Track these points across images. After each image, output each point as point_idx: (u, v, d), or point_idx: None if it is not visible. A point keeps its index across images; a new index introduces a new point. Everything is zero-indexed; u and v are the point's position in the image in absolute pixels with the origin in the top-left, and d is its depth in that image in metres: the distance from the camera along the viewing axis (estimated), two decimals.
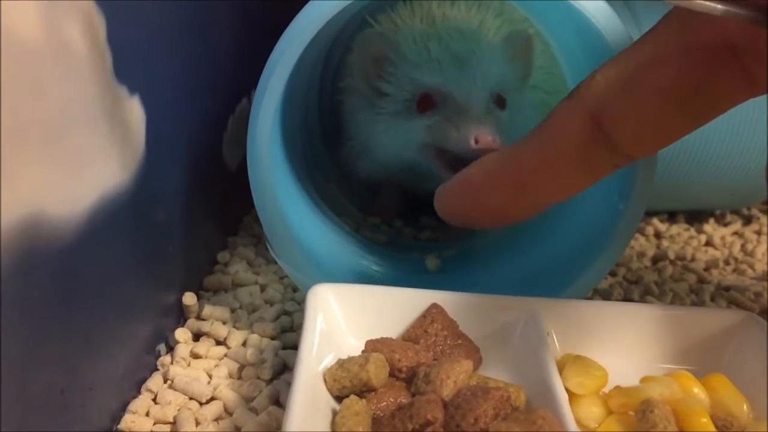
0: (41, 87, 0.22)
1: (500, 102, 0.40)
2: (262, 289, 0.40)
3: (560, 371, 0.28)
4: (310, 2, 0.33)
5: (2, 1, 0.20)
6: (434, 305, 0.31)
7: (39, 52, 0.22)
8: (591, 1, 0.32)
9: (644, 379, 0.29)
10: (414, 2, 0.45)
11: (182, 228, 0.37)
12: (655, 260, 0.49)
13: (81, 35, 0.24)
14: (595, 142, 0.27)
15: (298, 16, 0.33)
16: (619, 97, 0.27)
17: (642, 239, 0.52)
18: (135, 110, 0.29)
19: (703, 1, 0.22)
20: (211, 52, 0.40)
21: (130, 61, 0.28)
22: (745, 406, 0.28)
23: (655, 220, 0.55)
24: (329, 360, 0.29)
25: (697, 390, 0.28)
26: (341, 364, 0.28)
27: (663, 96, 0.26)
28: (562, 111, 0.28)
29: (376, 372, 0.27)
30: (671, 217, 0.56)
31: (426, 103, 0.40)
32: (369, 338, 0.30)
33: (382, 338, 0.30)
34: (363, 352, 0.29)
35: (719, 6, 0.22)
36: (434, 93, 0.40)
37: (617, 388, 0.28)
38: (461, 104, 0.38)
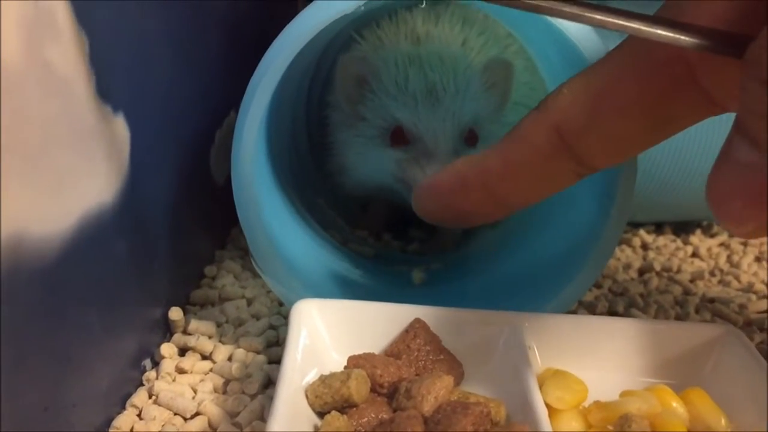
0: (23, 109, 0.23)
1: (471, 139, 0.42)
2: (249, 303, 0.40)
3: (541, 385, 0.29)
4: (296, 17, 0.33)
5: None
6: (417, 320, 0.31)
7: (21, 74, 0.22)
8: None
9: (623, 394, 0.29)
10: (399, 19, 0.45)
11: (169, 242, 0.37)
12: (642, 272, 0.49)
13: (63, 56, 0.25)
14: (559, 153, 0.28)
15: (284, 30, 0.33)
16: (582, 112, 0.27)
17: (628, 251, 0.53)
18: (119, 128, 0.30)
19: (671, 34, 0.23)
20: (197, 66, 0.40)
21: (114, 79, 0.29)
22: (723, 420, 0.28)
23: (642, 232, 0.55)
24: (312, 375, 0.29)
25: (676, 404, 0.28)
26: (323, 380, 0.28)
27: (623, 112, 0.27)
28: (529, 122, 0.29)
29: (358, 388, 0.27)
30: (658, 228, 0.57)
31: (398, 137, 0.41)
32: (352, 353, 0.30)
33: (364, 354, 0.30)
34: (345, 368, 0.29)
35: (687, 39, 0.23)
36: (406, 130, 0.41)
37: (596, 402, 0.28)
38: (430, 147, 0.40)
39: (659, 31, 0.23)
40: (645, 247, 0.54)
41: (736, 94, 0.22)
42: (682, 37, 0.23)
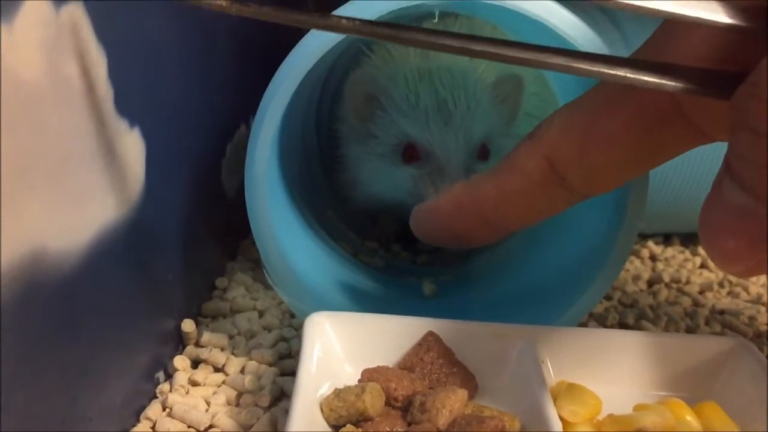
0: (43, 125, 0.23)
1: (483, 153, 0.42)
2: (261, 315, 0.41)
3: (554, 399, 0.29)
4: (307, 34, 0.33)
5: (5, 44, 0.21)
6: (430, 333, 0.32)
7: (41, 91, 0.23)
8: (571, 27, 0.32)
9: (637, 407, 0.29)
10: None
11: (181, 255, 0.37)
12: (651, 283, 0.49)
13: (82, 73, 0.25)
14: (550, 182, 0.29)
15: (296, 47, 0.33)
16: (571, 143, 0.28)
17: (637, 262, 0.53)
18: (135, 143, 0.30)
19: (655, 80, 0.23)
20: (210, 81, 0.40)
21: (131, 95, 0.29)
22: None
23: (651, 243, 0.55)
24: (326, 388, 0.29)
25: (690, 418, 0.28)
26: (338, 393, 0.28)
27: (611, 144, 0.27)
28: (522, 151, 0.30)
29: (372, 402, 0.27)
30: (666, 239, 0.57)
31: (411, 154, 0.42)
32: (365, 366, 0.30)
33: (378, 367, 0.30)
34: (359, 381, 0.29)
35: (672, 83, 0.23)
36: (419, 146, 0.41)
37: (610, 416, 0.28)
38: (443, 163, 0.40)
39: (643, 78, 0.23)
40: (654, 258, 0.54)
41: (725, 126, 0.22)
42: (667, 83, 0.23)
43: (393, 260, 0.49)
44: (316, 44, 0.32)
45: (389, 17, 0.32)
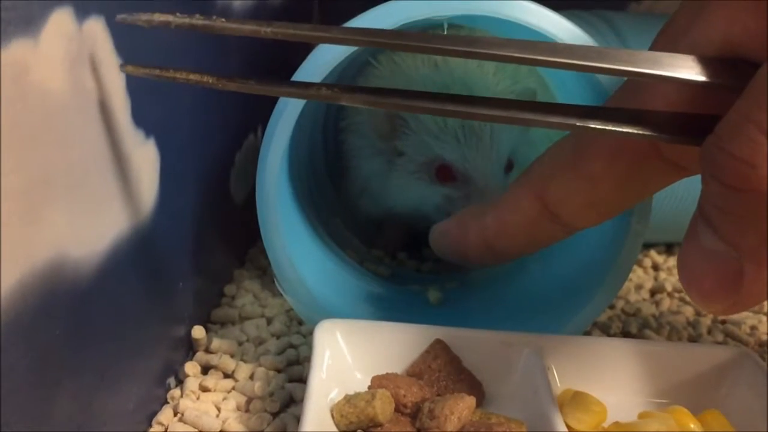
0: (66, 137, 0.24)
1: (509, 167, 0.43)
2: (269, 322, 0.41)
3: (560, 406, 0.29)
4: (318, 47, 0.34)
5: (32, 58, 0.21)
6: (437, 341, 0.32)
7: (64, 103, 0.23)
8: (572, 37, 0.33)
9: (641, 415, 0.30)
10: None
11: (192, 263, 0.38)
12: (653, 292, 0.50)
13: (102, 85, 0.26)
14: (544, 218, 0.31)
15: (307, 59, 0.34)
16: (559, 181, 0.30)
17: (640, 271, 0.53)
18: (150, 153, 0.30)
19: (624, 130, 0.24)
20: (219, 92, 0.41)
21: (147, 106, 0.30)
22: None
23: (653, 252, 0.56)
24: (335, 394, 0.30)
25: (694, 426, 0.29)
26: (348, 399, 0.29)
27: (596, 182, 0.29)
28: (517, 188, 0.32)
29: (383, 408, 0.28)
30: (668, 248, 0.57)
31: (445, 174, 0.43)
32: (374, 373, 0.31)
33: (387, 374, 0.30)
34: (369, 388, 0.30)
35: (642, 132, 0.24)
36: (454, 168, 0.42)
37: (616, 423, 0.29)
38: (481, 185, 0.42)
39: (616, 129, 0.24)
40: (656, 267, 0.54)
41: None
42: (639, 132, 0.24)
43: (398, 268, 0.50)
44: (328, 57, 0.33)
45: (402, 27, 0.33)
